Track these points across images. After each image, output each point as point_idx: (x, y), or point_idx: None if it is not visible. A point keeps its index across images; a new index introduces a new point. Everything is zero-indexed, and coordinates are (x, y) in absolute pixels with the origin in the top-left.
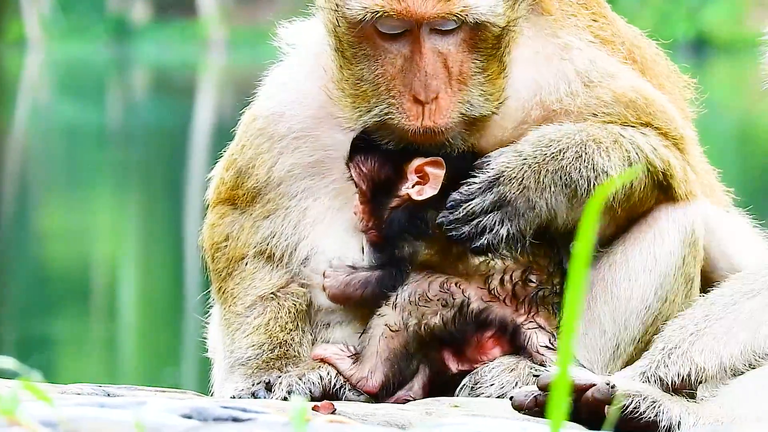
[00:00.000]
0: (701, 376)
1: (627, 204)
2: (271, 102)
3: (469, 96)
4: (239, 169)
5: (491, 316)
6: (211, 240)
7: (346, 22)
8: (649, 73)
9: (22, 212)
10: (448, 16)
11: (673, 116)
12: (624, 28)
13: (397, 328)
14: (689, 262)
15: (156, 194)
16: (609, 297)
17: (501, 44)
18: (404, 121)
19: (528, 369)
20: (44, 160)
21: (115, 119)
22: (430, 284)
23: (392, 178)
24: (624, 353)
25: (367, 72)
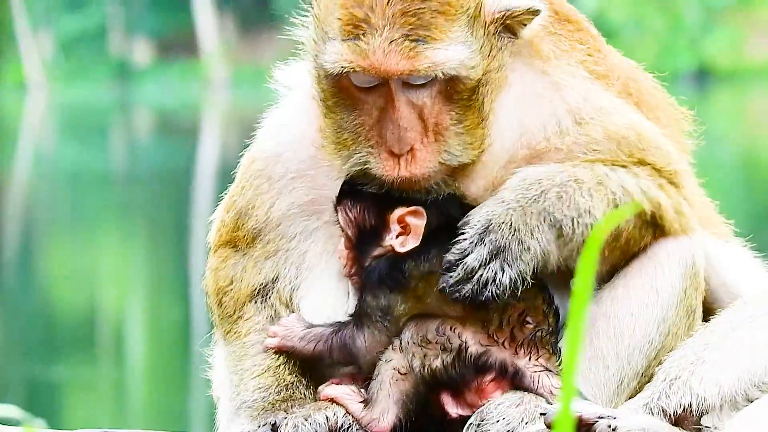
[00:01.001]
0: (702, 405)
1: (617, 243)
2: (269, 143)
3: (446, 146)
4: (239, 211)
5: (491, 359)
6: (215, 284)
7: (324, 72)
8: (645, 107)
9: (26, 256)
10: (414, 72)
11: (668, 151)
12: (619, 61)
13: (405, 371)
14: (690, 294)
15: (161, 236)
16: (612, 332)
17: (479, 95)
18: (381, 171)
19: (533, 404)
20: (48, 204)
21: (118, 161)
22: (428, 327)
23: (376, 226)
24: (628, 387)
25: (347, 121)
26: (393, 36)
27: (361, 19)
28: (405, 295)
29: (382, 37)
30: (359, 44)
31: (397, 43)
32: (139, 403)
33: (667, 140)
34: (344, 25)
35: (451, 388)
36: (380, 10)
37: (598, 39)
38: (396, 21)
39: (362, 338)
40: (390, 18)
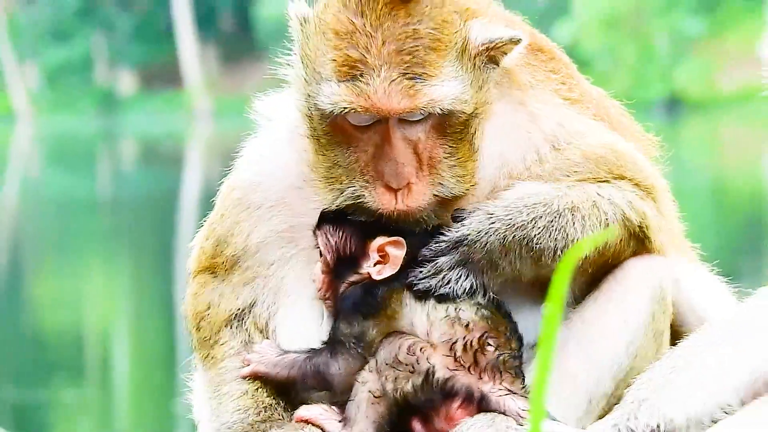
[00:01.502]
0: (669, 426)
1: (601, 260)
2: (248, 173)
3: (441, 179)
4: (218, 238)
5: (457, 385)
6: (194, 309)
7: (319, 112)
8: (615, 130)
9: (14, 281)
10: (415, 110)
11: (644, 166)
12: (590, 88)
13: (380, 394)
14: (659, 317)
15: (146, 261)
16: (582, 355)
17: (470, 128)
18: (378, 205)
19: (504, 425)
20: (35, 231)
21: (104, 189)
22: (400, 346)
23: (355, 253)
24: (597, 408)
25: (341, 158)
26: (391, 75)
27: (357, 60)
28: (377, 318)
29: (380, 77)
30: (358, 85)
31: (396, 82)
32: (125, 424)
33: (642, 156)
34: (339, 66)
35: (421, 413)
36: (376, 51)
37: (570, 66)
38: (392, 60)
39: (336, 365)
40: (386, 57)
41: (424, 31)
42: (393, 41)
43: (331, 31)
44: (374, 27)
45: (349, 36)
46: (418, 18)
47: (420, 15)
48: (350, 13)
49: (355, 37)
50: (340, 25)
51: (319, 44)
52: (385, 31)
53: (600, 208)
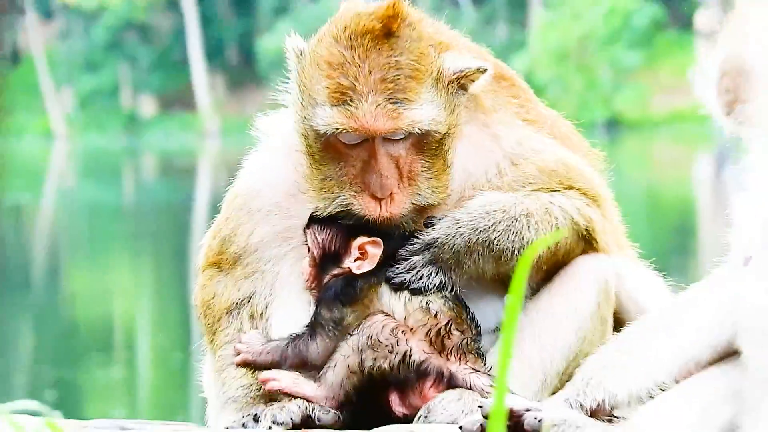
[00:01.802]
0: (613, 401)
1: (554, 258)
2: (249, 181)
3: (418, 189)
4: (223, 238)
5: (430, 366)
6: (202, 299)
7: (314, 132)
8: (567, 147)
9: (52, 276)
10: (398, 130)
11: (591, 177)
12: (545, 111)
13: (357, 369)
14: (603, 307)
15: (164, 258)
16: (537, 339)
17: (444, 145)
18: (365, 211)
19: (471, 399)
20: (70, 233)
21: (128, 197)
22: (384, 327)
23: (339, 250)
24: (550, 385)
25: (333, 172)
26: (377, 100)
27: (347, 87)
28: (354, 307)
29: (368, 102)
30: (348, 109)
31: (382, 106)
32: (147, 398)
33: (589, 168)
34: (332, 93)
35: (397, 389)
36: (363, 79)
37: (528, 92)
38: (378, 87)
39: (315, 345)
40: (372, 85)
41: (404, 62)
42: (378, 71)
43: (324, 62)
44: (362, 59)
45: (340, 67)
46: (399, 51)
47: (401, 48)
48: (341, 47)
49: (346, 67)
50: (333, 57)
51: (314, 73)
52: (371, 62)
53: (551, 213)
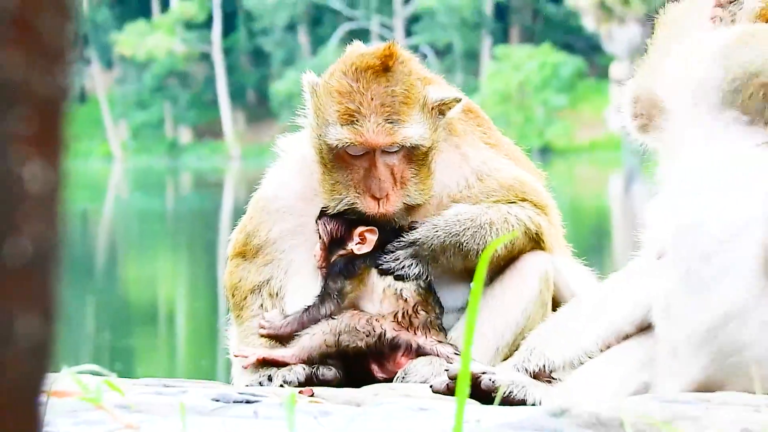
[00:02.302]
0: (551, 366)
1: (510, 255)
2: (269, 188)
3: (408, 192)
4: (248, 233)
5: (400, 340)
6: (230, 282)
7: (327, 146)
8: (519, 166)
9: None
10: (394, 144)
11: (540, 191)
12: (501, 137)
13: (332, 345)
14: (544, 292)
15: (197, 253)
16: (491, 317)
17: (428, 157)
18: (366, 209)
19: (439, 363)
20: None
21: (170, 206)
22: (359, 319)
23: (343, 236)
24: (501, 353)
25: (341, 177)
26: (378, 121)
27: (354, 111)
28: (353, 280)
29: (370, 122)
30: (355, 127)
31: (381, 125)
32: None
33: (538, 184)
34: (342, 115)
35: (374, 359)
36: (366, 104)
37: (489, 121)
38: (377, 110)
39: (324, 309)
40: (374, 108)
41: (398, 91)
42: (378, 98)
43: (335, 91)
44: (365, 88)
45: (348, 94)
46: (394, 82)
47: (395, 80)
48: (349, 79)
49: (352, 95)
50: (342, 87)
51: (327, 100)
52: (373, 91)
53: (509, 222)
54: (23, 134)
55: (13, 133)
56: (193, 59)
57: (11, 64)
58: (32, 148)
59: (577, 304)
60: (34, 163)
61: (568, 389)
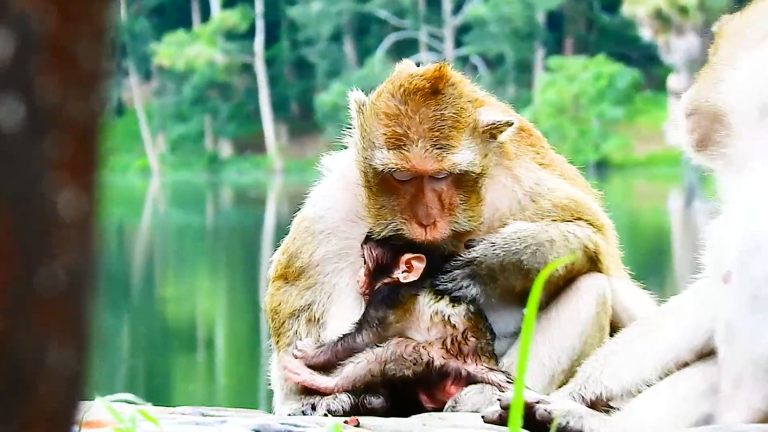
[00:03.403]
0: (609, 394)
1: (569, 275)
2: (314, 208)
3: (456, 219)
4: (291, 254)
5: (449, 368)
6: (270, 306)
7: (373, 170)
8: (573, 185)
9: (148, 284)
10: (441, 170)
11: (596, 210)
12: (554, 156)
13: (377, 374)
14: (601, 315)
15: (238, 272)
16: (547, 342)
17: (478, 183)
18: (413, 235)
19: (491, 392)
20: (163, 250)
21: (210, 222)
22: (406, 347)
23: (389, 263)
24: (557, 380)
25: (387, 202)
26: (425, 146)
27: (401, 134)
28: (396, 310)
29: (418, 147)
30: (402, 152)
31: (429, 150)
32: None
33: (594, 203)
34: (389, 138)
35: (423, 388)
36: (415, 128)
37: (542, 140)
38: (426, 135)
39: (361, 338)
40: (422, 133)
41: (447, 114)
42: (426, 122)
43: (383, 113)
44: (413, 111)
45: (396, 117)
46: (444, 106)
47: (445, 103)
48: (397, 101)
49: (400, 118)
50: (390, 109)
51: (374, 122)
52: (421, 114)
53: (569, 240)
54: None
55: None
56: (234, 70)
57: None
58: (66, 174)
59: (636, 329)
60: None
61: (626, 420)
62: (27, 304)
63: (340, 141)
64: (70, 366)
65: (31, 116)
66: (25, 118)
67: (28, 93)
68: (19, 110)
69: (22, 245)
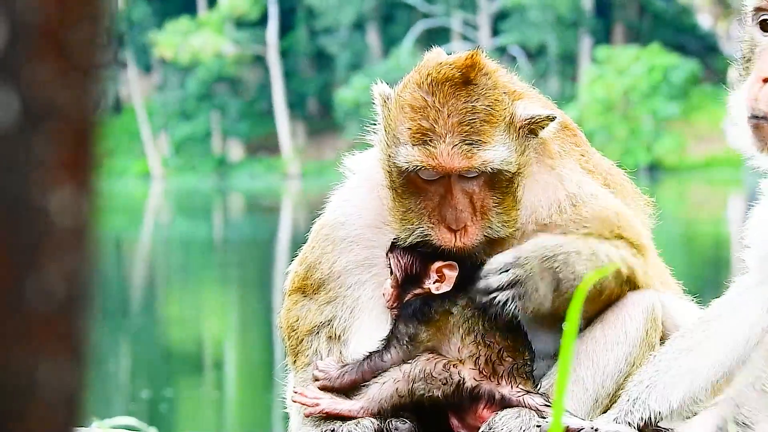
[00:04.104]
0: (657, 417)
1: (600, 297)
2: (335, 214)
3: (490, 223)
4: (309, 265)
5: (481, 390)
6: (287, 322)
7: (397, 169)
8: (618, 195)
9: (149, 302)
10: (471, 169)
11: (638, 229)
12: (600, 159)
13: (405, 395)
14: (651, 334)
15: (249, 287)
16: (590, 364)
17: (514, 183)
18: (441, 242)
19: (528, 416)
20: (165, 263)
21: (218, 232)
22: (436, 365)
23: (419, 273)
24: (601, 405)
25: (413, 205)
26: (454, 141)
27: (427, 129)
28: (428, 326)
29: (445, 142)
30: (428, 148)
31: (458, 147)
32: (233, 415)
33: (637, 220)
34: (414, 133)
35: (453, 411)
36: (442, 122)
37: (586, 143)
38: (455, 130)
39: (389, 355)
40: (450, 128)
41: (479, 107)
42: (455, 115)
43: (408, 106)
44: (441, 104)
45: (422, 110)
46: (476, 97)
47: (477, 95)
48: (423, 93)
49: (427, 111)
50: (416, 101)
51: (399, 116)
52: (450, 107)
53: (598, 257)
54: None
55: (40, 157)
56: (244, 62)
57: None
58: (61, 173)
59: (680, 342)
60: (63, 190)
61: None
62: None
63: (363, 139)
64: (65, 387)
65: (23, 110)
66: (17, 112)
67: (20, 85)
68: (11, 104)
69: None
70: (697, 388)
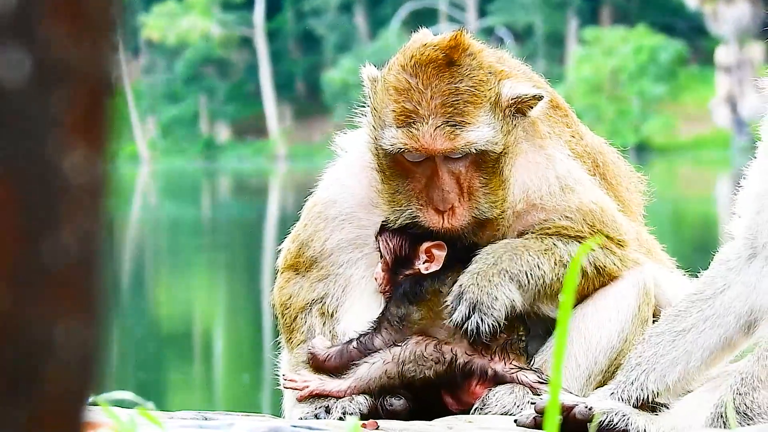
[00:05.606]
0: (653, 396)
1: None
2: (327, 192)
3: (477, 204)
4: (302, 242)
5: (473, 366)
6: (279, 299)
7: (383, 151)
8: (609, 174)
9: (138, 284)
10: (455, 150)
11: (621, 222)
12: (591, 138)
13: (394, 376)
14: (644, 309)
15: (238, 269)
16: (583, 340)
17: (500, 163)
18: (429, 223)
19: (522, 393)
20: (154, 246)
21: (206, 214)
22: (427, 345)
23: (409, 254)
24: (594, 381)
25: (401, 186)
26: (437, 123)
27: (411, 111)
28: (420, 306)
29: (428, 124)
30: (411, 130)
31: (441, 128)
32: (225, 391)
33: (620, 214)
34: (398, 116)
35: (446, 389)
36: (425, 104)
37: (578, 122)
38: (438, 111)
39: (380, 338)
40: (433, 109)
41: (463, 88)
42: (439, 96)
43: (392, 88)
44: (425, 85)
45: (405, 92)
46: (459, 78)
47: (460, 76)
48: (407, 75)
49: (410, 93)
50: (399, 83)
51: (384, 98)
52: (433, 88)
53: (554, 252)
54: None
55: (54, 117)
56: (232, 44)
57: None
58: (75, 134)
59: (676, 324)
60: (76, 151)
61: (675, 418)
62: (33, 277)
63: (351, 121)
64: (81, 346)
65: (36, 69)
66: (30, 71)
67: (33, 44)
68: (23, 63)
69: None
70: (693, 368)
